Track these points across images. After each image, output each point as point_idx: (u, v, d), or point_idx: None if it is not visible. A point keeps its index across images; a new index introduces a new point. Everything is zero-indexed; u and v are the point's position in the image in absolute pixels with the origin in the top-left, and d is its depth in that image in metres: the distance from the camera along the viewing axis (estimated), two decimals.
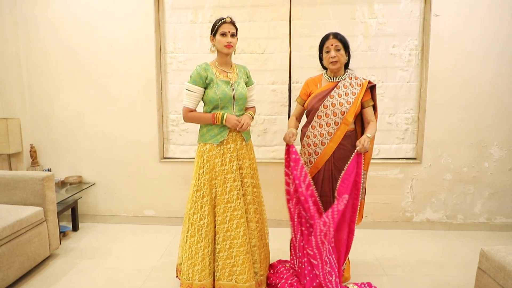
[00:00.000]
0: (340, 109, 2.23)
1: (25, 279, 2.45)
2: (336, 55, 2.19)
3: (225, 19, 2.10)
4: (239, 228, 2.10)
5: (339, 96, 2.25)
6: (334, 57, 2.19)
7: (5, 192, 2.64)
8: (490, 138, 3.19)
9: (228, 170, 2.11)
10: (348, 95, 2.25)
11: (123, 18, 3.24)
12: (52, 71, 3.37)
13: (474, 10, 3.05)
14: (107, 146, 3.42)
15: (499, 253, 1.90)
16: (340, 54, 2.20)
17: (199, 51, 3.31)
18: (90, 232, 3.29)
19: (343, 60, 2.22)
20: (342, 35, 2.24)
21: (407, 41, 3.18)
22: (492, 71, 3.11)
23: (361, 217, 2.45)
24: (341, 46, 2.20)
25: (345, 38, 2.24)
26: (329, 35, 2.23)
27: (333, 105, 2.25)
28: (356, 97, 2.23)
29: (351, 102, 2.23)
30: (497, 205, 3.26)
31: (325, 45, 2.23)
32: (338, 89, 2.27)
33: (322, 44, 2.26)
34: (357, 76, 2.31)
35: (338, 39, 2.21)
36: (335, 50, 2.19)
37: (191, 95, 2.12)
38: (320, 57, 2.30)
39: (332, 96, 2.26)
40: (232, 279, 2.11)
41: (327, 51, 2.22)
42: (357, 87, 2.26)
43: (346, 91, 2.26)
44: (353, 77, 2.29)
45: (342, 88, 2.27)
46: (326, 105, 2.26)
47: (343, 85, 2.27)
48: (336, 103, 2.25)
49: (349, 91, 2.26)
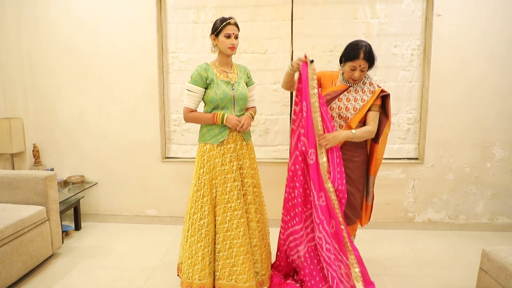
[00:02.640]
0: (346, 114, 2.19)
1: (28, 278, 2.46)
2: (360, 76, 2.13)
3: (229, 20, 2.08)
4: (239, 228, 2.11)
5: (348, 101, 2.19)
6: (358, 78, 2.14)
7: (8, 191, 2.66)
8: (492, 138, 3.18)
9: (228, 170, 2.12)
10: (357, 101, 2.18)
11: (125, 19, 3.26)
12: (55, 71, 3.38)
13: (477, 10, 3.03)
14: (109, 145, 3.44)
15: (500, 253, 1.90)
16: (364, 73, 2.14)
17: (201, 51, 3.31)
18: (92, 232, 3.31)
19: (363, 76, 2.17)
20: (372, 52, 2.10)
21: (409, 41, 3.17)
22: (496, 72, 3.09)
23: (368, 219, 2.45)
24: (367, 66, 2.11)
25: (374, 55, 2.11)
26: (359, 52, 2.07)
27: (339, 108, 2.20)
28: (364, 104, 2.17)
29: (358, 109, 2.17)
30: (499, 206, 3.25)
31: (352, 62, 2.10)
32: (349, 93, 2.21)
33: (349, 57, 2.12)
34: (373, 82, 2.22)
35: (367, 60, 2.09)
36: (361, 71, 2.11)
37: (192, 95, 2.13)
38: (341, 59, 2.21)
39: (341, 99, 2.20)
40: (232, 279, 2.11)
41: (353, 69, 2.12)
42: (368, 94, 2.18)
43: (356, 96, 2.19)
44: (367, 83, 2.21)
45: (353, 92, 2.20)
46: (332, 107, 2.23)
47: (354, 90, 2.20)
48: (343, 106, 2.20)
49: (359, 97, 2.18)
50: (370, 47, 2.12)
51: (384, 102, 2.22)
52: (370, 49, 2.10)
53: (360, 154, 2.28)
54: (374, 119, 2.19)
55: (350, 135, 2.12)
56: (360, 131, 2.15)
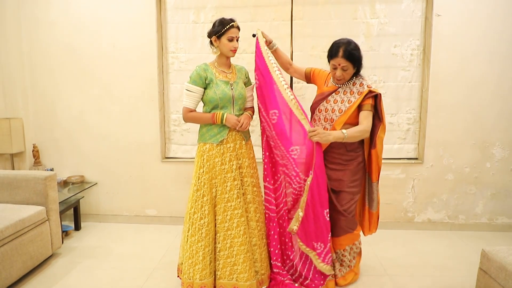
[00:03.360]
0: (331, 116, 2.12)
1: (28, 278, 2.46)
2: (342, 74, 2.06)
3: (233, 24, 2.09)
4: (239, 227, 2.11)
5: (335, 102, 2.13)
6: (339, 77, 2.08)
7: (8, 191, 2.66)
8: (492, 138, 3.18)
9: (227, 169, 2.12)
10: (344, 102, 2.10)
11: (125, 19, 3.26)
12: (55, 71, 3.38)
13: (477, 10, 3.03)
14: (109, 146, 3.44)
15: (500, 253, 1.90)
16: (347, 73, 2.06)
17: (201, 51, 3.31)
18: (92, 232, 3.31)
19: (349, 76, 2.09)
20: (353, 50, 2.02)
21: (409, 41, 3.18)
22: (496, 72, 3.09)
23: (375, 228, 2.39)
24: (349, 65, 2.03)
25: (356, 54, 2.02)
26: (338, 51, 2.02)
27: (326, 110, 2.15)
28: (350, 106, 2.07)
29: (343, 111, 2.08)
30: (499, 206, 3.25)
31: (332, 60, 2.06)
32: (337, 94, 2.15)
33: (330, 55, 2.09)
34: (364, 82, 2.12)
35: (346, 58, 2.01)
36: (342, 69, 2.05)
37: (191, 95, 2.14)
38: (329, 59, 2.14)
39: (328, 101, 2.15)
40: (233, 278, 2.12)
41: (334, 68, 2.07)
42: (356, 95, 2.09)
43: (343, 97, 2.12)
44: (357, 83, 2.12)
45: (342, 94, 2.13)
46: (320, 109, 2.18)
47: (343, 91, 2.14)
48: (329, 108, 2.14)
49: (346, 98, 2.10)
50: (353, 46, 2.03)
51: (376, 102, 2.10)
52: (351, 47, 2.01)
53: (353, 157, 2.19)
54: (367, 117, 2.07)
55: (341, 136, 2.00)
56: (352, 131, 2.03)
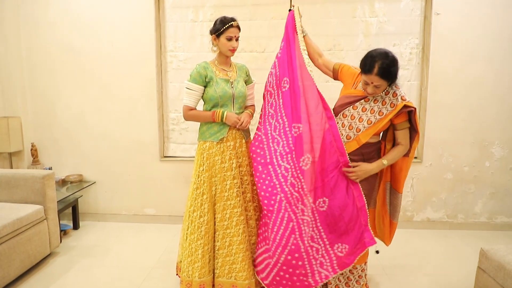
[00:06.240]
0: (358, 125, 1.91)
1: (26, 277, 2.45)
2: (375, 92, 1.84)
3: (232, 23, 2.08)
4: (238, 225, 2.11)
5: (363, 111, 1.90)
6: (371, 93, 1.86)
7: (6, 190, 2.65)
8: (491, 137, 3.18)
9: (227, 168, 2.12)
10: (374, 112, 1.88)
11: (123, 18, 3.25)
12: (53, 70, 3.37)
13: (476, 9, 3.04)
14: (107, 144, 3.43)
15: (499, 252, 1.90)
16: (380, 89, 1.83)
17: (199, 50, 3.31)
18: (91, 231, 3.30)
19: (381, 91, 1.86)
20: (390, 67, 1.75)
21: (408, 39, 3.17)
22: (495, 70, 3.10)
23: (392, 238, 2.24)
24: (383, 83, 1.79)
25: (393, 71, 1.77)
26: (372, 67, 1.75)
27: (352, 117, 1.92)
28: (381, 118, 1.86)
29: (372, 122, 1.88)
30: (498, 205, 3.25)
31: (365, 76, 1.82)
32: (367, 102, 1.91)
33: (363, 69, 1.83)
34: (397, 92, 1.87)
35: (381, 76, 1.75)
36: (375, 87, 1.81)
37: (191, 94, 2.13)
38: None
39: (356, 107, 1.92)
40: (232, 276, 2.11)
41: (366, 84, 1.84)
42: (389, 107, 1.86)
43: (373, 107, 1.89)
44: (390, 93, 1.87)
45: (372, 102, 1.90)
46: (345, 114, 1.96)
47: (373, 99, 1.90)
48: (356, 116, 1.91)
49: (377, 109, 1.88)
50: (390, 60, 1.77)
51: (410, 116, 1.90)
52: (388, 63, 1.76)
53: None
54: (405, 138, 1.93)
55: (381, 166, 1.91)
56: (391, 156, 1.91)
